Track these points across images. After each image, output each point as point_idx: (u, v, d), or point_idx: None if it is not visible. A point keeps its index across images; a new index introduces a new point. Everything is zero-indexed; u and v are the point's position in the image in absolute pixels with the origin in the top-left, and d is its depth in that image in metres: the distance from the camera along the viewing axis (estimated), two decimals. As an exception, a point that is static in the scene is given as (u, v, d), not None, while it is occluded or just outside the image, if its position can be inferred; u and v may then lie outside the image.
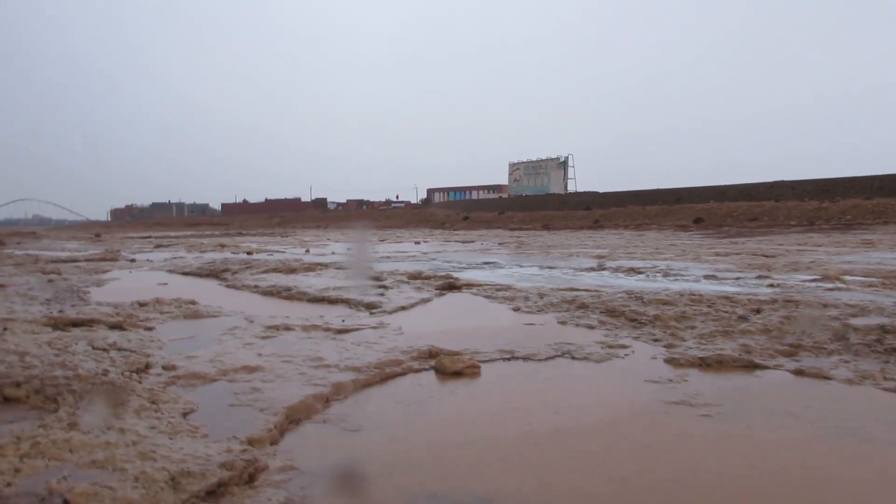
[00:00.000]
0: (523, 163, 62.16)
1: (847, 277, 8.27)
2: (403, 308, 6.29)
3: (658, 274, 9.29)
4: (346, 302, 6.74)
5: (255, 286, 8.06)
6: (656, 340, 4.42)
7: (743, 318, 4.69)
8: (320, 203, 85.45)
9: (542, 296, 6.67)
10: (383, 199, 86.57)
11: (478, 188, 77.13)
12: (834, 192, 26.72)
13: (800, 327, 4.42)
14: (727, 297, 5.66)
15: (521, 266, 11.30)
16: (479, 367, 3.72)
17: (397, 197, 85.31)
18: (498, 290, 7.44)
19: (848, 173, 28.23)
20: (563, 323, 5.28)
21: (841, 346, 4.01)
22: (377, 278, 8.73)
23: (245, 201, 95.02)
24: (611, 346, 4.28)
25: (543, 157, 59.92)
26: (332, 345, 4.32)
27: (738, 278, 8.22)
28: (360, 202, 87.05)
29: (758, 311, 4.95)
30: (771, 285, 7.23)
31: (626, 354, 4.08)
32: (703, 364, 3.76)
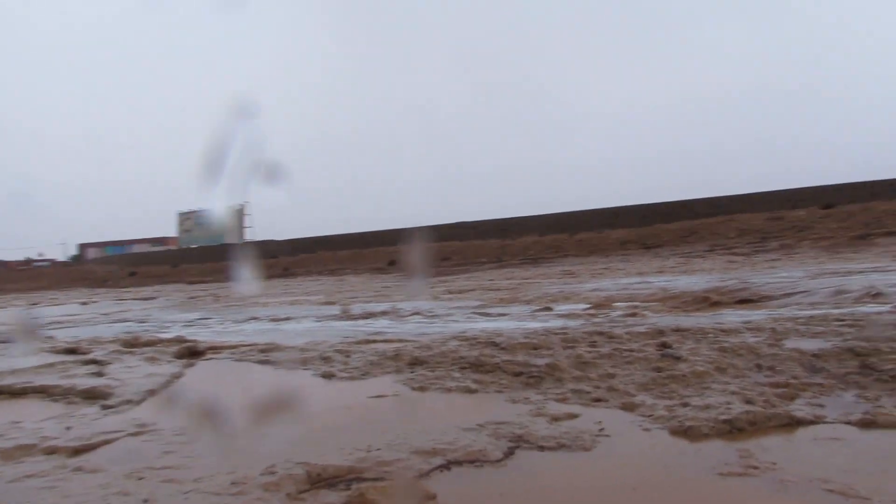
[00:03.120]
0: (194, 212, 57.59)
1: (620, 304, 8.00)
2: (153, 392, 4.09)
3: (423, 315, 8.17)
4: (44, 392, 4.24)
5: None
6: (598, 401, 3.10)
7: (671, 357, 3.60)
8: (-68, 265, 69.57)
9: (345, 353, 4.95)
10: (22, 258, 73.49)
11: (140, 241, 69.72)
12: (511, 230, 28.77)
13: (751, 361, 3.46)
14: (599, 333, 4.58)
15: (249, 320, 9.23)
16: (436, 499, 1.99)
17: (40, 255, 73.02)
18: (265, 350, 5.51)
19: (519, 213, 30.75)
20: (422, 389, 3.70)
21: (831, 378, 3.10)
22: (74, 350, 6.07)
23: None
24: (556, 419, 2.84)
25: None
26: (97, 492, 2.17)
27: (531, 313, 7.38)
28: (-9, 262, 72.91)
29: (665, 346, 3.92)
30: (580, 316, 6.47)
31: (599, 430, 2.67)
32: (734, 429, 2.53)
